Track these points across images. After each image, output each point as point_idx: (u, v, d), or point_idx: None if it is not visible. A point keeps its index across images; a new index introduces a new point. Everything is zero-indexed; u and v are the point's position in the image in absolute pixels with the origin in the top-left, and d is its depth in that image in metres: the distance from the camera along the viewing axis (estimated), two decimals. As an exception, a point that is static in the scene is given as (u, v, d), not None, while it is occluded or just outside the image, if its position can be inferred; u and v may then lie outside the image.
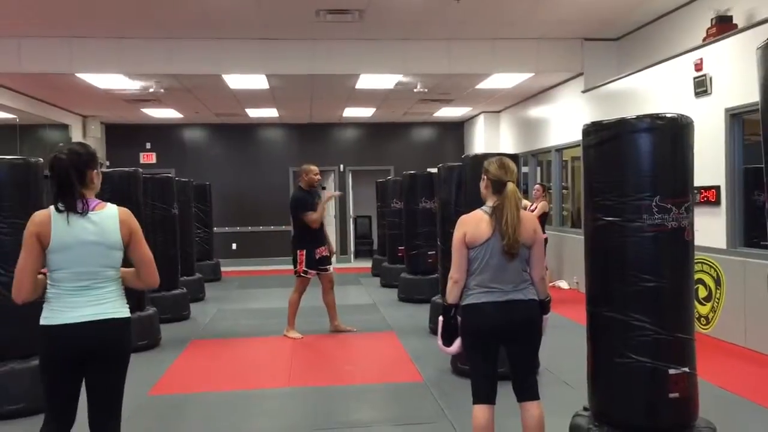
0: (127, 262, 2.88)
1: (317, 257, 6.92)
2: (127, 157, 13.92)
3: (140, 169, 7.03)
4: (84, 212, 2.72)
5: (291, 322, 7.05)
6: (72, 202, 2.71)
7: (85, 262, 2.72)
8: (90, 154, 2.84)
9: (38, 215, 2.75)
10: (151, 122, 14.17)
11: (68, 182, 2.72)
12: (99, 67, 9.10)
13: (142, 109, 12.44)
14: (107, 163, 14.14)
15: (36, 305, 3.85)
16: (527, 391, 3.29)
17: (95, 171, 2.85)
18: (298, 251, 6.87)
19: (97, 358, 2.74)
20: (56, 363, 2.73)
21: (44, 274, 2.78)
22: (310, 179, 7.01)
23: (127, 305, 2.87)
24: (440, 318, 3.40)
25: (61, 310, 2.71)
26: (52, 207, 2.75)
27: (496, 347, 3.30)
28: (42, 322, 2.73)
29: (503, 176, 3.24)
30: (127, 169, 6.93)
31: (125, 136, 14.51)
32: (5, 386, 4.50)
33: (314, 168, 7.08)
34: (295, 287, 6.99)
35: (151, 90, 10.26)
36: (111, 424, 2.83)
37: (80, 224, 2.71)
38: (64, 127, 12.82)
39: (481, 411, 3.29)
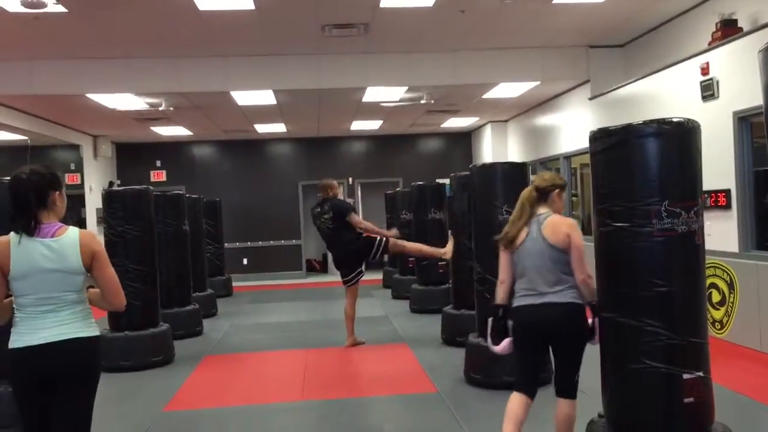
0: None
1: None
2: (137, 175, 14.02)
3: (151, 187, 7.09)
4: (42, 237, 2.66)
5: (352, 331, 7.20)
6: (28, 226, 2.65)
7: (46, 289, 2.67)
8: (53, 174, 2.78)
9: (0, 243, 2.69)
10: (161, 140, 14.28)
11: (25, 204, 2.67)
12: (108, 88, 9.22)
13: (151, 128, 12.55)
14: (118, 182, 14.26)
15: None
16: (562, 389, 3.50)
17: (58, 192, 2.77)
18: (364, 261, 7.12)
19: (63, 379, 2.69)
20: (23, 385, 2.71)
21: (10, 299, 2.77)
22: (335, 193, 7.13)
23: (94, 325, 2.81)
24: (489, 318, 3.59)
25: (25, 333, 2.68)
26: (12, 233, 2.69)
27: (539, 347, 3.50)
28: (9, 345, 2.71)
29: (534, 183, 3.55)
30: (138, 187, 6.99)
31: (135, 155, 14.63)
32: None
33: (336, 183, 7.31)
34: (354, 297, 7.15)
35: (160, 108, 10.36)
36: None
37: (39, 251, 2.66)
38: (76, 148, 12.95)
39: (516, 398, 3.44)
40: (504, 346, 3.52)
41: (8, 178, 4.51)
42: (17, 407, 2.75)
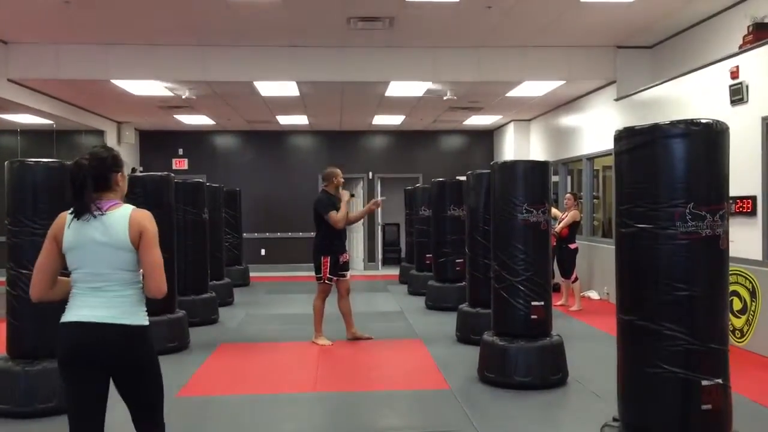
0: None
1: (341, 263, 6.92)
2: (160, 162, 14.13)
3: (172, 174, 7.12)
4: (97, 214, 2.71)
5: (318, 328, 7.03)
6: (85, 205, 2.71)
7: (95, 263, 2.70)
8: (114, 157, 2.85)
9: (59, 217, 2.79)
10: (184, 129, 14.38)
11: (83, 186, 2.72)
12: (134, 74, 9.28)
13: (175, 116, 12.63)
14: (141, 169, 14.38)
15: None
16: None
17: (120, 174, 2.86)
18: (323, 257, 6.84)
19: (107, 363, 2.70)
20: (64, 361, 2.71)
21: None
22: (338, 182, 7.02)
23: (144, 313, 2.78)
24: None
25: (74, 308, 2.72)
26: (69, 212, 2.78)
27: None
28: (60, 320, 2.76)
29: None
30: (159, 173, 7.03)
31: (158, 143, 14.74)
32: (37, 385, 4.59)
33: (339, 171, 7.09)
34: (317, 293, 6.97)
35: (184, 96, 10.41)
36: (147, 428, 2.82)
37: (91, 225, 2.71)
38: (100, 133, 13.07)
39: None
40: None
41: (35, 160, 4.62)
42: (63, 384, 2.74)
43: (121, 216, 2.72)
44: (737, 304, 6.56)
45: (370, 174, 15.05)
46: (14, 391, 4.58)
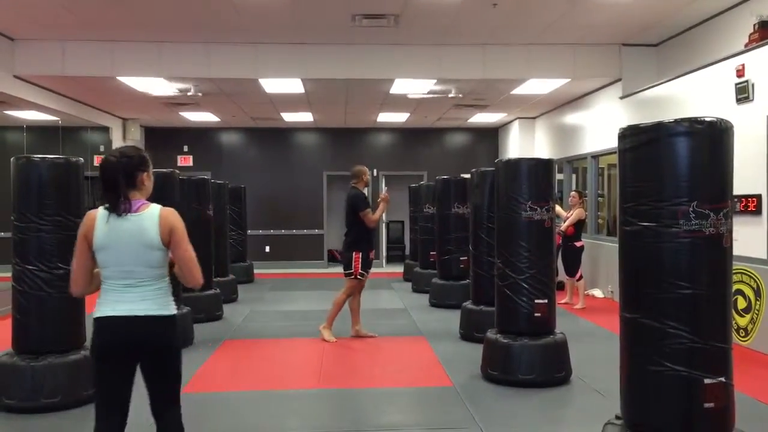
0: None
1: (369, 259, 6.98)
2: (165, 159, 14.15)
3: (177, 171, 7.14)
4: (125, 213, 2.80)
5: (330, 321, 7.07)
6: (115, 203, 2.80)
7: (126, 261, 2.80)
8: (141, 157, 2.92)
9: (87, 216, 2.86)
10: (189, 125, 14.40)
11: (114, 184, 2.81)
12: (139, 71, 9.30)
13: (180, 113, 12.65)
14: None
15: (73, 303, 4.08)
16: None
17: (146, 173, 2.93)
18: (354, 253, 6.88)
19: (141, 351, 2.86)
20: (100, 352, 2.85)
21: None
22: (367, 180, 7.11)
23: (172, 304, 2.94)
24: None
25: (107, 304, 2.84)
26: (100, 208, 2.85)
27: None
28: (93, 315, 2.88)
29: None
30: (164, 170, 7.04)
31: (163, 139, 14.77)
32: (42, 380, 4.61)
33: (367, 169, 7.19)
34: (345, 289, 7.01)
35: (190, 93, 10.43)
36: (167, 412, 2.96)
37: (120, 225, 2.80)
38: (105, 130, 13.10)
39: None
40: None
41: (40, 156, 4.70)
42: (93, 374, 2.91)
43: (150, 216, 2.82)
44: (742, 303, 6.54)
45: (375, 171, 15.04)
46: (20, 387, 4.61)
